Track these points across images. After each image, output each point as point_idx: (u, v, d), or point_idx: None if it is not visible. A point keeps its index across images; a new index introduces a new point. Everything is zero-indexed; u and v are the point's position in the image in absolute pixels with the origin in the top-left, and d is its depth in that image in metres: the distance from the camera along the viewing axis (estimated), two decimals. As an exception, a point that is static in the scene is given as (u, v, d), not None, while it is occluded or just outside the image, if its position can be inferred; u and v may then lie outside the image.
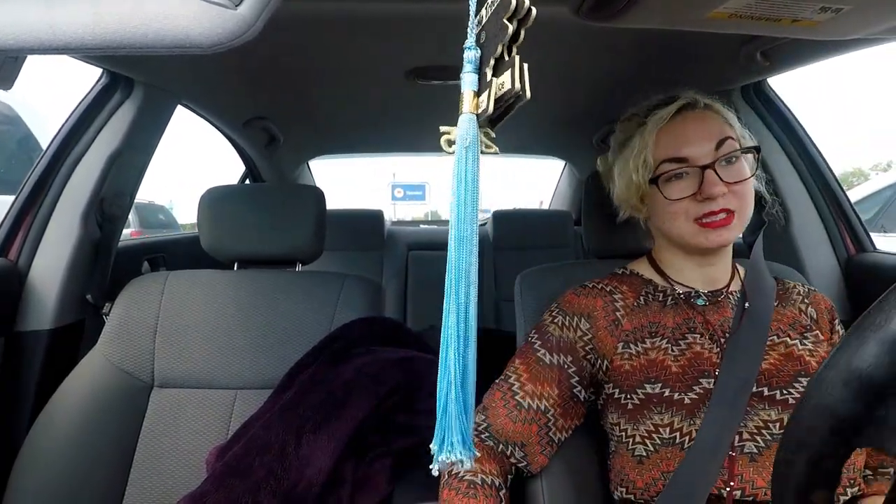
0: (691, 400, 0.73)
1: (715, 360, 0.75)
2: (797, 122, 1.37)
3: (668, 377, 0.75)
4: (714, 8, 0.73)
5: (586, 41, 1.16)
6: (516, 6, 0.34)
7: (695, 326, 0.79)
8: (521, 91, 0.35)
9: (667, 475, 0.71)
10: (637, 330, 0.81)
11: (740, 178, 0.77)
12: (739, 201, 0.77)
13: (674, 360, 0.76)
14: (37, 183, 1.18)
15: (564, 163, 3.07)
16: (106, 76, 1.23)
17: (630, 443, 0.76)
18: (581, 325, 0.84)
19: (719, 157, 0.76)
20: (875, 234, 1.37)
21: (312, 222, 1.18)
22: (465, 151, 0.38)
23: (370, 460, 0.91)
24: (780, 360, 0.75)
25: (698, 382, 0.74)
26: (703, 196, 0.76)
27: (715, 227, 0.76)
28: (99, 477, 0.98)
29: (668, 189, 0.80)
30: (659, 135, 0.81)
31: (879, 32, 0.80)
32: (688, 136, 0.78)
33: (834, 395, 0.35)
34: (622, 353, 0.80)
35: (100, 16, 0.36)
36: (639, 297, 0.85)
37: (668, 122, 0.80)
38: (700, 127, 0.79)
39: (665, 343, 0.78)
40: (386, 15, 1.02)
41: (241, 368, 1.09)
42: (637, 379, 0.77)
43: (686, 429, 0.71)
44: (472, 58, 0.39)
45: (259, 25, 0.39)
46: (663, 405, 0.74)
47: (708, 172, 0.76)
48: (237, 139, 2.08)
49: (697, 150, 0.77)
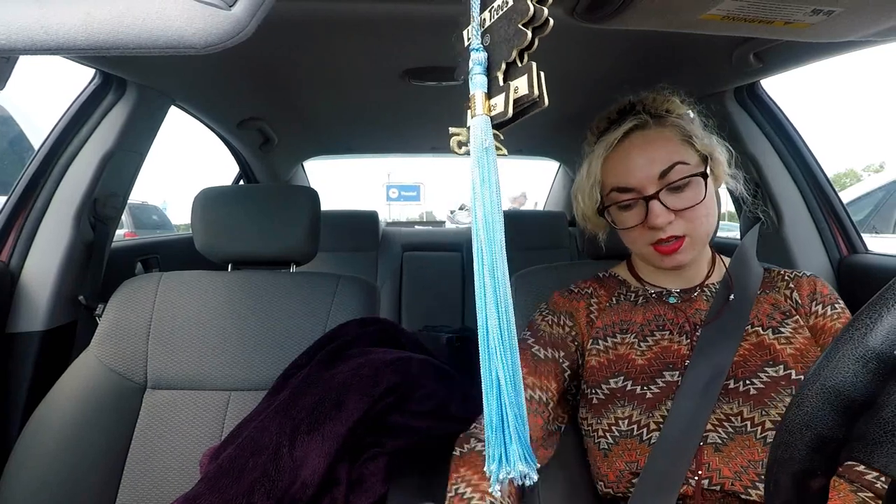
0: (653, 394, 0.74)
1: (684, 352, 0.77)
2: (790, 123, 1.38)
3: (631, 370, 0.77)
4: (707, 10, 0.73)
5: (581, 43, 1.17)
6: (534, 14, 0.34)
7: (664, 323, 0.81)
8: (538, 97, 0.35)
9: (631, 465, 0.72)
10: (607, 327, 0.84)
11: (690, 204, 0.76)
12: (690, 225, 0.77)
13: (640, 355, 0.78)
14: (29, 183, 1.17)
15: (559, 164, 3.08)
16: (99, 76, 1.23)
17: (595, 437, 0.78)
18: (567, 322, 0.87)
19: (664, 185, 0.76)
20: (867, 235, 1.38)
21: (307, 223, 1.18)
22: (486, 153, 0.38)
23: (364, 461, 0.91)
24: (750, 349, 0.75)
25: (661, 375, 0.75)
26: (648, 226, 0.77)
27: (668, 253, 0.77)
28: (91, 479, 0.98)
29: (618, 218, 0.82)
30: (606, 162, 0.82)
31: (871, 34, 0.80)
32: (633, 165, 0.78)
33: (824, 411, 0.35)
34: (591, 349, 0.83)
35: (92, 16, 0.36)
36: (612, 297, 0.88)
37: (615, 148, 0.81)
38: (646, 153, 0.78)
39: (633, 338, 0.80)
40: (381, 16, 1.02)
41: (234, 370, 1.08)
42: (603, 374, 0.79)
43: (644, 422, 0.73)
44: (481, 59, 0.39)
45: (253, 26, 0.38)
46: (625, 399, 0.76)
47: (652, 203, 0.76)
48: (231, 140, 2.07)
49: (642, 180, 0.77)
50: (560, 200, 3.18)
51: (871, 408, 0.34)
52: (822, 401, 0.35)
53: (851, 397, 0.34)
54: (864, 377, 0.34)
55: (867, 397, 0.34)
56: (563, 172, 3.10)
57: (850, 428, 0.35)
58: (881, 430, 0.34)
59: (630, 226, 0.80)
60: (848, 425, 0.35)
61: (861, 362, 0.34)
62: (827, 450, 0.36)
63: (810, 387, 0.36)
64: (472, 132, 0.38)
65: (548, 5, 0.34)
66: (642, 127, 0.80)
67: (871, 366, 0.34)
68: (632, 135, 0.80)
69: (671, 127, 0.80)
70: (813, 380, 0.36)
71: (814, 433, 0.36)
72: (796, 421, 0.37)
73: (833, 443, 0.36)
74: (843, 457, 0.36)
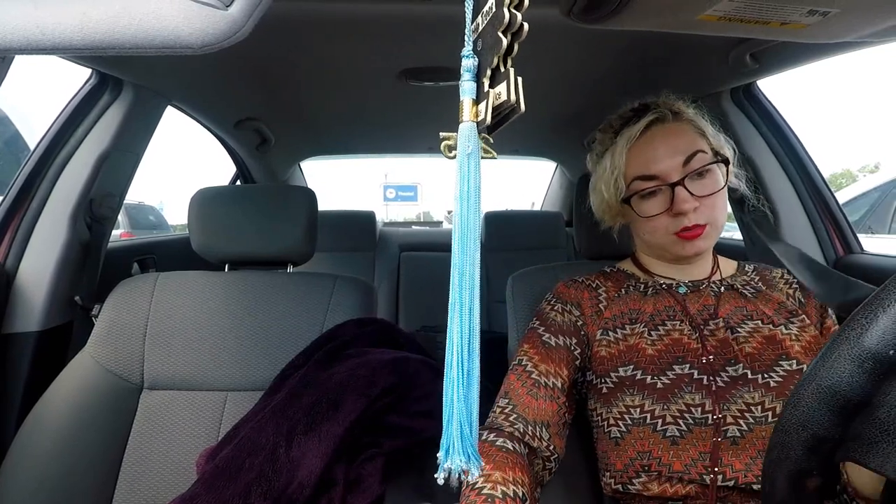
0: (664, 384, 0.75)
1: (694, 346, 0.78)
2: (786, 124, 1.38)
3: (642, 360, 0.78)
4: (704, 11, 0.74)
5: (577, 43, 1.17)
6: (510, 20, 0.34)
7: (674, 314, 0.82)
8: (515, 104, 0.35)
9: (643, 456, 0.73)
10: (616, 317, 0.85)
11: (711, 191, 0.79)
12: (711, 213, 0.79)
13: (650, 345, 0.79)
14: (25, 183, 1.17)
15: (556, 164, 3.08)
16: (95, 76, 1.22)
17: (605, 426, 0.79)
18: (574, 311, 0.88)
19: (688, 172, 0.78)
20: (862, 236, 1.38)
21: (304, 223, 1.17)
22: (468, 159, 0.38)
23: (362, 461, 0.90)
24: (763, 343, 0.76)
25: (671, 368, 0.76)
26: (674, 212, 0.79)
27: (691, 238, 0.79)
28: (88, 480, 0.97)
29: (641, 207, 0.83)
30: (629, 153, 0.83)
31: (867, 35, 0.80)
32: (657, 154, 0.80)
33: (819, 412, 0.36)
34: (600, 340, 0.83)
35: (88, 16, 0.35)
36: (620, 288, 0.90)
37: (637, 140, 0.83)
38: (668, 143, 0.80)
39: (642, 328, 0.81)
40: (378, 16, 1.02)
41: (231, 370, 1.08)
42: (612, 364, 0.80)
43: (658, 412, 0.74)
44: (470, 66, 0.39)
45: (250, 26, 0.38)
46: (635, 387, 0.76)
47: (678, 189, 0.78)
48: (228, 140, 2.07)
49: (666, 167, 0.79)
50: (557, 201, 3.18)
51: (867, 408, 0.35)
52: (819, 401, 0.36)
53: (847, 397, 0.35)
54: (859, 377, 0.34)
55: (863, 397, 0.34)
56: (559, 173, 3.10)
57: (846, 428, 0.35)
58: (877, 430, 0.34)
59: (654, 213, 0.81)
60: (844, 425, 0.35)
61: (857, 362, 0.34)
62: (823, 450, 0.36)
63: (806, 387, 0.37)
64: (458, 138, 0.39)
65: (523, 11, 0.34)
66: (662, 120, 0.82)
67: (867, 366, 0.34)
68: (653, 127, 0.82)
69: (686, 122, 0.83)
70: (809, 380, 0.37)
71: (810, 433, 0.36)
72: (792, 421, 0.37)
73: (829, 443, 0.36)
74: (839, 457, 0.36)
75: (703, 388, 0.74)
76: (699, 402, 0.73)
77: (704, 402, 0.73)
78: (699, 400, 0.73)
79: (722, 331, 0.79)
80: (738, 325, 0.79)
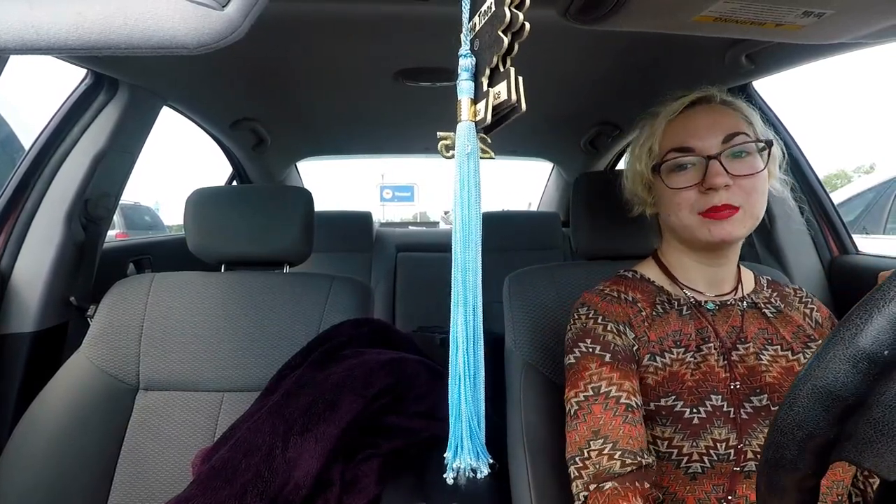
0: (699, 420, 0.70)
1: (723, 376, 0.73)
2: (781, 124, 1.38)
3: (683, 391, 0.72)
4: (699, 12, 0.74)
5: (574, 44, 1.17)
6: (511, 20, 0.34)
7: (708, 336, 0.77)
8: (516, 103, 0.35)
9: (659, 489, 0.69)
10: (663, 339, 0.77)
11: (748, 172, 0.73)
12: (746, 196, 0.73)
13: (690, 374, 0.74)
14: (20, 184, 1.17)
15: (553, 165, 3.08)
16: (90, 76, 1.22)
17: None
18: (628, 332, 0.79)
19: (726, 149, 0.74)
20: (857, 236, 1.39)
21: (300, 224, 1.17)
22: (467, 158, 0.38)
23: (359, 462, 0.90)
24: (782, 373, 0.73)
25: (708, 399, 0.71)
26: (706, 186, 0.73)
27: (719, 219, 0.73)
28: (83, 480, 0.97)
29: (671, 179, 0.77)
30: (668, 125, 0.79)
31: (862, 36, 0.81)
32: (697, 127, 0.76)
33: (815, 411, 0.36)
34: (647, 366, 0.76)
35: (84, 16, 0.35)
36: (654, 305, 0.82)
37: (679, 114, 0.78)
38: (710, 119, 0.76)
39: (684, 353, 0.75)
40: (374, 16, 1.02)
41: (228, 371, 1.08)
42: (655, 394, 0.74)
43: (686, 450, 0.69)
44: (468, 65, 0.39)
45: (246, 26, 0.38)
46: (669, 419, 0.71)
47: (712, 163, 0.73)
48: (224, 140, 2.06)
49: (704, 142, 0.75)
50: (554, 201, 3.18)
51: (862, 408, 0.35)
52: (814, 401, 0.36)
53: (842, 397, 0.35)
54: (854, 377, 0.34)
55: (858, 397, 0.34)
56: (556, 173, 3.10)
57: (841, 428, 0.35)
58: (872, 430, 0.34)
59: (683, 186, 0.75)
60: (839, 425, 0.35)
61: (851, 362, 0.34)
62: (818, 450, 0.36)
63: (801, 387, 0.37)
64: (457, 138, 0.39)
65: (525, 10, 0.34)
66: (708, 101, 0.78)
67: (862, 366, 0.34)
68: (697, 105, 0.78)
69: (735, 109, 0.78)
70: (804, 380, 0.37)
71: (805, 433, 0.36)
72: (787, 421, 0.37)
73: (824, 443, 0.36)
74: (834, 457, 0.36)
75: (730, 421, 0.69)
76: (724, 437, 0.69)
77: (729, 436, 0.69)
78: (724, 434, 0.69)
79: (752, 357, 0.74)
80: (761, 351, 0.75)
